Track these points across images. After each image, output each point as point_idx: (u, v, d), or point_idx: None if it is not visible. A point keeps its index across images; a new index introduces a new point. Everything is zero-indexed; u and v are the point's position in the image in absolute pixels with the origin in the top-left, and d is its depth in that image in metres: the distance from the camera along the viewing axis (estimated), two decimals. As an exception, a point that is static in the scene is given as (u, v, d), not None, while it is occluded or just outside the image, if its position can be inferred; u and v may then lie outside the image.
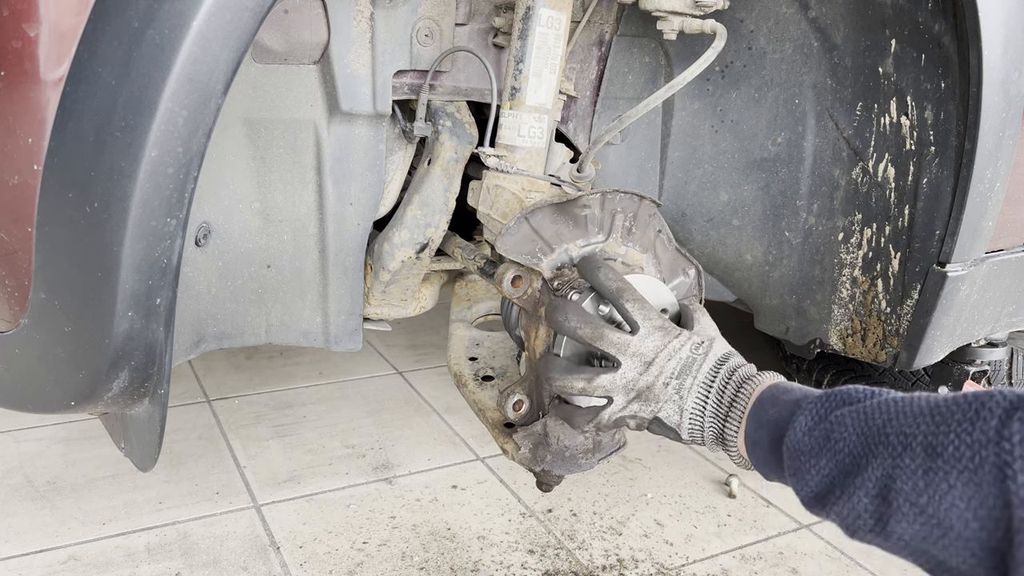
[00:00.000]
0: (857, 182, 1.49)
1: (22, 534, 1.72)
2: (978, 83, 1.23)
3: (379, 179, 1.40)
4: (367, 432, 2.26)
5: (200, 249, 1.30)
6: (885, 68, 1.39)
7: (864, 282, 1.52)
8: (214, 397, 2.41)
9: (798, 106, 1.55)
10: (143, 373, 1.03)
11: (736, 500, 2.04)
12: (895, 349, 1.50)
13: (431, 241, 1.47)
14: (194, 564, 1.66)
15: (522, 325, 1.17)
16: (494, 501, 1.95)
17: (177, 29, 0.87)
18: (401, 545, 1.76)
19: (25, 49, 0.89)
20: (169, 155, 0.90)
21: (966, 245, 1.37)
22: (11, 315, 1.02)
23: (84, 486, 1.91)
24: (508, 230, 1.08)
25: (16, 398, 1.10)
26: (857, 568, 1.81)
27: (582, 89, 1.62)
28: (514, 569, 1.71)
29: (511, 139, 1.28)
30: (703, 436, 0.96)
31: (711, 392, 0.94)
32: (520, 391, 1.18)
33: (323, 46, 1.27)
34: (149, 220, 0.92)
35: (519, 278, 1.13)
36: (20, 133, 0.91)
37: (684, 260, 1.24)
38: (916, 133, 1.38)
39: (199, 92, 0.89)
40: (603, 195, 1.12)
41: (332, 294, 1.45)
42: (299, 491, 1.94)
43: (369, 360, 2.76)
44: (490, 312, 1.59)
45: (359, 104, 1.31)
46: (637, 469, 2.14)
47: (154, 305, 0.97)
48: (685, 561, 1.79)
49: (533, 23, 1.23)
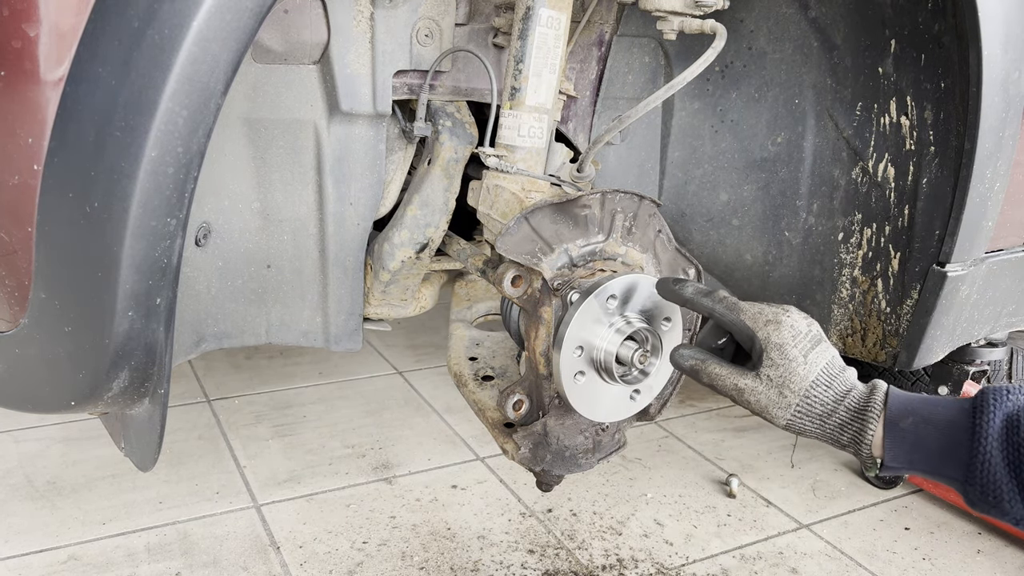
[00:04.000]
0: (857, 182, 1.49)
1: (22, 534, 1.72)
2: (978, 83, 1.23)
3: (379, 179, 1.40)
4: (367, 432, 2.26)
5: (200, 249, 1.30)
6: (885, 68, 1.39)
7: (864, 282, 1.52)
8: (214, 397, 2.41)
9: (798, 106, 1.55)
10: (143, 373, 1.03)
11: (736, 500, 2.04)
12: (895, 349, 1.50)
13: (431, 241, 1.47)
14: (194, 564, 1.66)
15: (522, 325, 1.17)
16: (494, 501, 1.95)
17: (177, 29, 0.87)
18: (401, 545, 1.76)
19: (25, 49, 0.89)
20: (169, 155, 0.90)
21: (966, 245, 1.37)
22: (11, 315, 1.02)
23: (84, 486, 1.91)
24: (508, 230, 1.08)
25: (16, 398, 1.10)
26: (857, 568, 1.81)
27: (582, 89, 1.62)
28: (514, 569, 1.71)
29: (511, 139, 1.28)
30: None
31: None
32: (520, 391, 1.18)
33: (323, 46, 1.27)
34: (149, 220, 0.92)
35: (519, 278, 1.13)
36: (20, 133, 0.91)
37: (684, 260, 1.24)
38: (916, 133, 1.38)
39: (199, 92, 0.89)
40: (603, 195, 1.12)
41: (332, 294, 1.45)
42: (299, 491, 1.94)
43: (369, 360, 2.76)
44: (490, 312, 1.59)
45: (359, 104, 1.31)
46: (637, 469, 2.14)
47: (154, 305, 0.97)
48: (685, 561, 1.79)
49: (533, 23, 1.23)
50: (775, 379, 0.93)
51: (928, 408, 0.88)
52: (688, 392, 2.62)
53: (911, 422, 0.88)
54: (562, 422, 1.18)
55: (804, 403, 0.92)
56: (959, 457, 0.85)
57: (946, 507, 2.07)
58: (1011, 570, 1.86)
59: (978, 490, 0.83)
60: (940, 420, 0.87)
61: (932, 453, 0.87)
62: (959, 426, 0.85)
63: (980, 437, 0.83)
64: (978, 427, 0.83)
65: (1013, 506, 0.82)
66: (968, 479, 0.84)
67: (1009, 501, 0.82)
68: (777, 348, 0.93)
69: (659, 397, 1.23)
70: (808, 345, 0.94)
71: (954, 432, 0.85)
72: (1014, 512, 0.82)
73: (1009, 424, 0.83)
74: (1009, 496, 0.82)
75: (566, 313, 1.09)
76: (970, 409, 0.86)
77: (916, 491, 2.14)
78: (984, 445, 0.83)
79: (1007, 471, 0.82)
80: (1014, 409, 0.83)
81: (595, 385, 1.12)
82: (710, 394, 2.61)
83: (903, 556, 1.87)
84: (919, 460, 0.88)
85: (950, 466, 0.85)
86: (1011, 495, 0.82)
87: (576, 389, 1.11)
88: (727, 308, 0.97)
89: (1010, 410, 0.83)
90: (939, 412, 0.88)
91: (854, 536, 1.93)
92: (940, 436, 0.86)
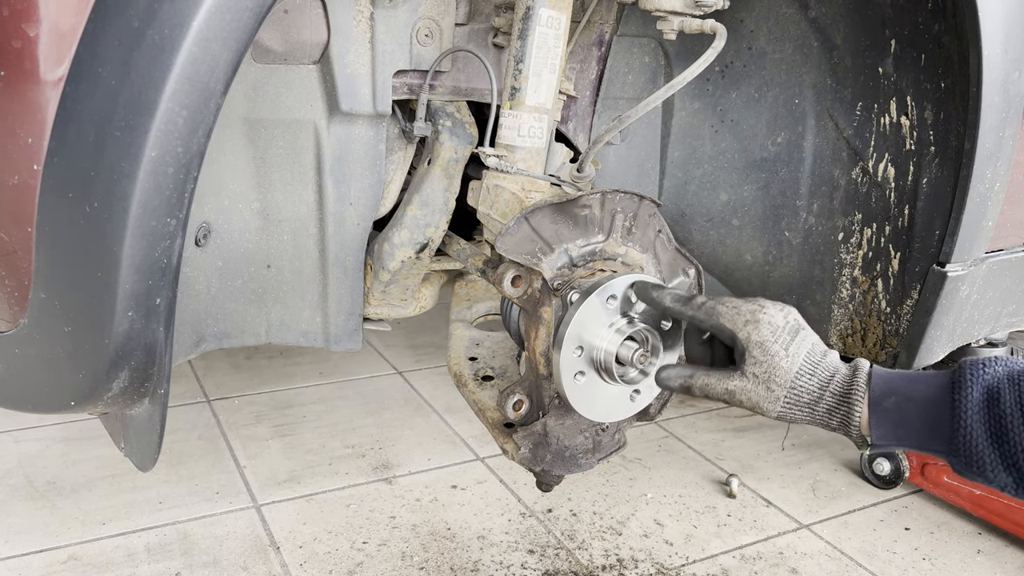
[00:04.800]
0: (857, 182, 1.49)
1: (22, 534, 1.72)
2: (978, 83, 1.23)
3: (379, 179, 1.40)
4: (367, 432, 2.26)
5: (200, 249, 1.30)
6: (885, 68, 1.39)
7: (864, 282, 1.52)
8: (214, 397, 2.41)
9: (798, 106, 1.55)
10: (143, 373, 1.02)
11: (736, 500, 2.04)
12: (895, 349, 1.50)
13: (431, 241, 1.47)
14: (194, 564, 1.66)
15: (522, 325, 1.17)
16: (494, 501, 1.95)
17: (177, 29, 0.87)
18: (401, 545, 1.76)
19: (25, 49, 0.89)
20: (169, 155, 0.90)
21: (966, 245, 1.37)
22: (11, 315, 1.02)
23: (84, 486, 1.91)
24: (508, 230, 1.08)
25: (16, 398, 1.10)
26: (857, 568, 1.81)
27: (582, 89, 1.62)
28: (514, 569, 1.71)
29: (511, 139, 1.28)
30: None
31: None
32: (520, 391, 1.18)
33: (323, 46, 1.27)
34: (149, 220, 0.91)
35: (519, 278, 1.13)
36: (20, 133, 0.91)
37: (684, 260, 1.24)
38: (916, 133, 1.38)
39: (199, 92, 0.89)
40: (603, 195, 1.12)
41: (332, 294, 1.45)
42: (299, 491, 1.94)
43: (369, 360, 2.76)
44: (490, 312, 1.59)
45: (359, 104, 1.31)
46: (637, 469, 2.14)
47: (154, 305, 0.97)
48: (685, 561, 1.79)
49: (533, 23, 1.23)
50: (761, 376, 0.96)
51: (909, 386, 0.92)
52: (688, 392, 2.62)
53: (893, 401, 0.92)
54: (562, 422, 1.18)
55: (792, 394, 0.96)
56: (942, 432, 0.89)
57: (946, 507, 2.07)
58: (1011, 570, 1.86)
59: (963, 461, 0.87)
60: (921, 398, 0.91)
61: (916, 429, 0.90)
62: (940, 402, 0.89)
63: (960, 412, 0.87)
64: (958, 402, 0.87)
65: (996, 475, 0.86)
66: (952, 451, 0.88)
67: (992, 470, 0.86)
68: (758, 346, 0.97)
69: (659, 397, 1.23)
70: (788, 338, 0.97)
71: (935, 408, 0.89)
72: (997, 480, 0.86)
73: (989, 396, 0.86)
74: (992, 466, 0.86)
75: (566, 313, 1.09)
76: (949, 384, 0.89)
77: (916, 491, 2.14)
78: (965, 420, 0.86)
79: (988, 442, 0.86)
80: (992, 381, 0.86)
81: (595, 385, 1.12)
82: (710, 394, 2.62)
83: (903, 556, 1.87)
84: (905, 436, 0.91)
85: (935, 441, 0.89)
86: (993, 465, 0.86)
87: (576, 389, 1.11)
88: (705, 314, 1.01)
89: (988, 382, 0.86)
90: (920, 389, 0.91)
91: (854, 536, 1.93)
92: (922, 413, 0.90)
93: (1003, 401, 0.85)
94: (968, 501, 1.98)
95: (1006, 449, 0.85)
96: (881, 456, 2.12)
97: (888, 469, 2.10)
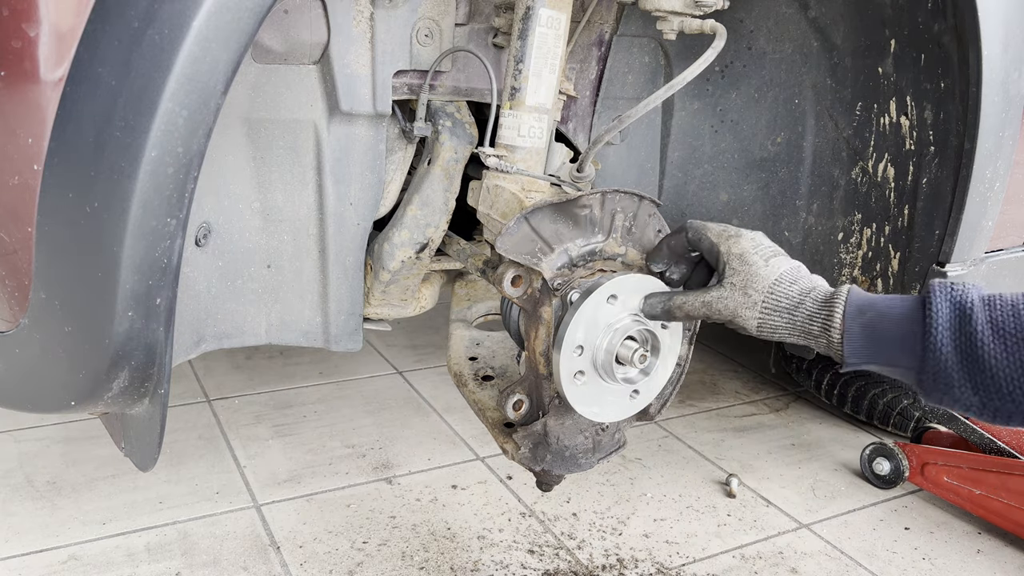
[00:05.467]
0: (857, 182, 1.49)
1: (22, 534, 1.72)
2: (978, 83, 1.23)
3: (379, 179, 1.40)
4: (367, 432, 2.26)
5: (200, 249, 1.30)
6: (885, 68, 1.39)
7: (864, 282, 1.52)
8: (214, 397, 2.41)
9: (798, 106, 1.55)
10: (143, 373, 1.03)
11: (736, 500, 2.04)
12: (895, 349, 1.50)
13: (431, 241, 1.47)
14: (194, 564, 1.66)
15: (522, 325, 1.17)
16: (494, 501, 1.95)
17: (177, 29, 0.87)
18: (401, 545, 1.76)
19: (25, 49, 0.89)
20: (169, 155, 0.90)
21: (966, 245, 1.38)
22: (11, 315, 1.03)
23: (84, 486, 1.91)
24: (508, 230, 1.08)
25: (16, 398, 1.10)
26: (857, 568, 1.81)
27: (582, 89, 1.62)
28: (514, 569, 1.71)
29: (511, 139, 1.28)
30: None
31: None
32: (520, 391, 1.18)
33: (323, 46, 1.27)
34: (149, 220, 0.92)
35: (519, 278, 1.13)
36: (20, 133, 0.91)
37: (684, 260, 1.24)
38: (916, 133, 1.38)
39: (199, 92, 0.89)
40: (603, 195, 1.13)
41: (332, 294, 1.45)
42: (299, 491, 1.94)
43: (369, 360, 2.76)
44: (490, 312, 1.59)
45: (359, 104, 1.31)
46: (637, 469, 2.14)
47: (154, 305, 0.97)
48: (685, 561, 1.79)
49: (533, 23, 1.24)
50: (738, 284, 0.99)
51: (886, 303, 0.94)
52: (688, 392, 2.62)
53: (870, 317, 0.93)
54: (562, 422, 1.18)
55: (770, 298, 0.98)
56: (913, 348, 0.90)
57: (946, 507, 2.07)
58: (1011, 570, 1.86)
59: (930, 378, 0.89)
60: (895, 314, 0.92)
61: (888, 343, 0.92)
62: (912, 318, 0.91)
63: (931, 327, 0.88)
64: (928, 317, 0.89)
65: (963, 392, 0.88)
66: (921, 368, 0.89)
67: (959, 387, 0.88)
68: (738, 257, 0.99)
69: (659, 397, 1.23)
70: (769, 252, 1.00)
71: (908, 324, 0.91)
72: (963, 399, 0.88)
73: (961, 314, 0.88)
74: (959, 383, 0.87)
75: (566, 313, 1.09)
76: (921, 301, 0.91)
77: (916, 491, 2.14)
78: (935, 335, 0.88)
79: (957, 358, 0.87)
80: (964, 299, 0.88)
81: (595, 385, 1.13)
82: (710, 394, 2.61)
83: (903, 556, 1.87)
84: (877, 353, 0.93)
85: (905, 356, 0.91)
86: (961, 382, 0.87)
87: (576, 389, 1.11)
88: (695, 233, 1.05)
89: (958, 300, 0.88)
90: (896, 305, 0.93)
91: (854, 536, 1.93)
92: (895, 328, 0.92)
93: (975, 320, 0.86)
94: (968, 501, 1.97)
95: (975, 368, 0.86)
96: (881, 456, 2.11)
97: (888, 469, 2.10)
